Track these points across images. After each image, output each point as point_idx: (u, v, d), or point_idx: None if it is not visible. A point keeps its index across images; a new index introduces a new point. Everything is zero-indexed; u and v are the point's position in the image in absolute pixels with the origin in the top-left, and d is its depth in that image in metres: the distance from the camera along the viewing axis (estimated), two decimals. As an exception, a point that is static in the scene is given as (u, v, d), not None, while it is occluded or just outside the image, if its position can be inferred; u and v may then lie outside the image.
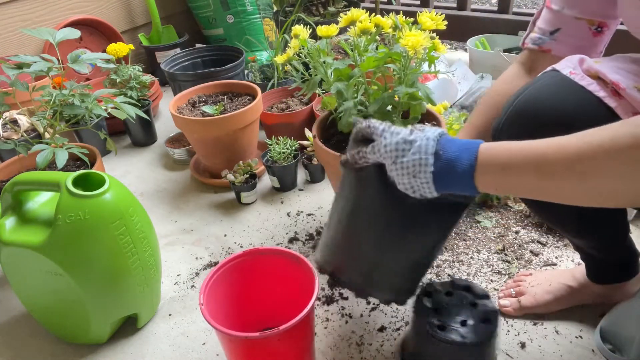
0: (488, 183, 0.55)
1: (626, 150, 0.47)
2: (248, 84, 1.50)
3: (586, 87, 0.66)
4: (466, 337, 0.71)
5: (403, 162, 0.58)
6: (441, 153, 0.57)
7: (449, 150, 0.57)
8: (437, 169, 0.56)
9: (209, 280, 0.80)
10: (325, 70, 1.02)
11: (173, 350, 0.95)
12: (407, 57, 0.95)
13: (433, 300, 0.78)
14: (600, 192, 0.51)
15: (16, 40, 1.77)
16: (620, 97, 0.65)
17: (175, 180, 1.53)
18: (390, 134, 0.60)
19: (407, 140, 0.59)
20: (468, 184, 0.56)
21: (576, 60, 0.70)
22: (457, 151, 0.56)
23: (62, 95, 1.12)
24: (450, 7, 2.19)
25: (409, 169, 0.58)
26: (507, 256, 1.09)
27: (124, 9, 2.11)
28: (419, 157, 0.57)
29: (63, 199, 0.81)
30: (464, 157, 0.56)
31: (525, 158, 0.53)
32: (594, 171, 0.49)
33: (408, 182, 0.58)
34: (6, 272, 0.92)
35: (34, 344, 1.00)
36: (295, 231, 1.24)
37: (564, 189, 0.52)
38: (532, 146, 0.53)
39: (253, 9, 2.12)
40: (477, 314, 0.74)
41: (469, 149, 0.56)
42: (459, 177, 0.56)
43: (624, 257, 0.87)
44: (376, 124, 0.62)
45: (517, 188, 0.55)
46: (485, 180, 0.55)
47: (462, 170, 0.55)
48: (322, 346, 0.93)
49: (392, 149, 0.59)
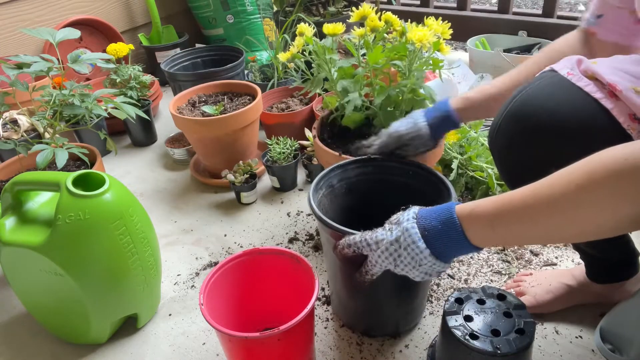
0: (485, 236, 0.59)
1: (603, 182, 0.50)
2: (248, 84, 1.50)
3: (583, 88, 0.66)
4: (499, 348, 0.68)
5: (403, 262, 0.63)
6: (427, 234, 0.61)
7: (433, 229, 0.60)
8: (434, 249, 0.60)
9: (209, 280, 0.80)
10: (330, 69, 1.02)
11: (173, 350, 0.95)
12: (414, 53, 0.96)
13: (465, 307, 0.75)
14: (587, 225, 0.53)
15: (16, 40, 1.77)
16: (617, 98, 0.65)
17: (175, 180, 1.53)
18: (376, 245, 0.66)
19: (391, 241, 0.63)
20: (467, 246, 0.60)
21: (574, 61, 0.70)
22: (439, 224, 0.60)
23: (62, 95, 1.12)
24: (450, 7, 2.19)
25: (411, 264, 0.62)
26: (507, 256, 1.09)
27: (124, 9, 2.11)
28: (411, 250, 0.61)
29: (63, 199, 0.81)
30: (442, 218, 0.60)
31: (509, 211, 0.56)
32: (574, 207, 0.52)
33: (418, 273, 0.63)
34: (6, 272, 0.92)
35: (34, 344, 1.00)
36: (295, 231, 1.24)
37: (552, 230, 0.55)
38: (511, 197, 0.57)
39: (253, 9, 2.12)
40: (512, 324, 0.72)
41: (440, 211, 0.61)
42: (448, 237, 0.60)
43: (623, 256, 0.87)
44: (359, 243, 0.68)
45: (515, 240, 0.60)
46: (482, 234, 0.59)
47: (447, 230, 0.60)
48: (322, 346, 0.93)
49: (386, 257, 0.64)
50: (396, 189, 0.92)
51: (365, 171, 0.92)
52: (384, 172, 0.92)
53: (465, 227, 0.59)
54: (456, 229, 0.59)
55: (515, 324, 0.72)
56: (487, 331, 0.71)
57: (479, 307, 0.75)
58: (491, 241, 0.60)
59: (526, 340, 0.69)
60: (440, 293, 1.02)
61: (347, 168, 0.92)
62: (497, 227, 0.57)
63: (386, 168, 0.92)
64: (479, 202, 0.59)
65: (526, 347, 0.69)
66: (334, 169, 0.91)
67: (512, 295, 0.77)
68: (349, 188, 0.93)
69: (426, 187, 0.88)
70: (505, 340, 0.69)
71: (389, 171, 0.92)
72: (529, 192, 0.55)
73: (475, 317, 0.74)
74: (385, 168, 0.92)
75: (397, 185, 0.92)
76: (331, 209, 0.91)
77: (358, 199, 0.94)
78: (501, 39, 1.95)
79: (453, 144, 1.24)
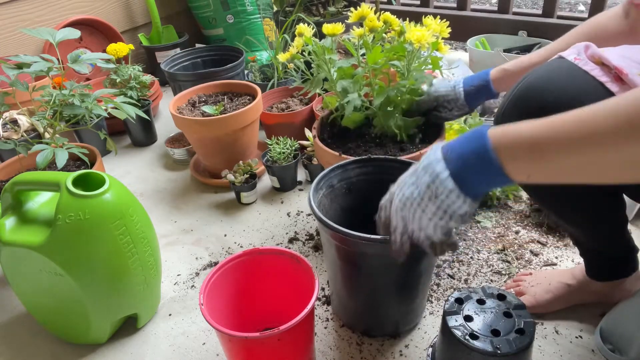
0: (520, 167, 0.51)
1: None
2: (248, 84, 1.50)
3: (589, 72, 0.67)
4: (499, 348, 0.68)
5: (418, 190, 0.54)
6: (448, 155, 0.53)
7: (456, 148, 0.52)
8: (452, 169, 0.53)
9: (209, 280, 0.80)
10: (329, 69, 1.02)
11: (173, 350, 0.95)
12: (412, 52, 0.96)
13: (465, 307, 0.75)
14: None
15: (16, 40, 1.77)
16: (623, 82, 0.65)
17: (175, 180, 1.53)
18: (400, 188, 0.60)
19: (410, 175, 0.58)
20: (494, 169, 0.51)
21: (582, 47, 0.71)
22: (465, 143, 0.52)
23: (62, 95, 1.12)
24: (450, 7, 2.19)
25: (426, 193, 0.53)
26: (507, 256, 1.09)
27: (124, 9, 2.11)
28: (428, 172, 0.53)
29: (63, 199, 0.81)
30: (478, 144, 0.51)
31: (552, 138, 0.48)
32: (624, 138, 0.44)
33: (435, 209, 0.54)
34: (6, 272, 0.92)
35: (34, 344, 1.00)
36: (295, 231, 1.24)
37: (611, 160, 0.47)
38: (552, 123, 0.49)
39: (253, 9, 2.12)
40: (512, 324, 0.72)
41: (475, 136, 0.53)
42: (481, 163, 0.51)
43: (622, 251, 0.87)
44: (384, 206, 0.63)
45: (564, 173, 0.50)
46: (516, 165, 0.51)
47: (481, 156, 0.51)
48: (322, 346, 0.93)
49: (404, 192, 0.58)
50: None
51: (365, 171, 0.92)
52: (384, 172, 0.92)
53: (500, 156, 0.50)
54: (491, 161, 0.51)
55: (515, 324, 0.72)
56: (487, 331, 0.71)
57: (479, 307, 0.75)
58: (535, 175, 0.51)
59: (526, 340, 0.69)
60: (440, 293, 1.02)
61: (347, 168, 0.92)
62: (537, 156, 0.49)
63: (386, 168, 0.92)
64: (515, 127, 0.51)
65: (526, 347, 0.69)
66: (334, 169, 0.91)
67: (512, 295, 0.77)
68: (349, 188, 0.93)
69: None
70: (505, 340, 0.69)
71: (389, 171, 0.92)
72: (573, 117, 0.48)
73: (475, 317, 0.74)
74: (385, 168, 0.92)
75: None
76: (331, 209, 0.91)
77: (358, 199, 0.94)
78: (501, 39, 1.95)
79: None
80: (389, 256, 0.65)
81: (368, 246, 0.76)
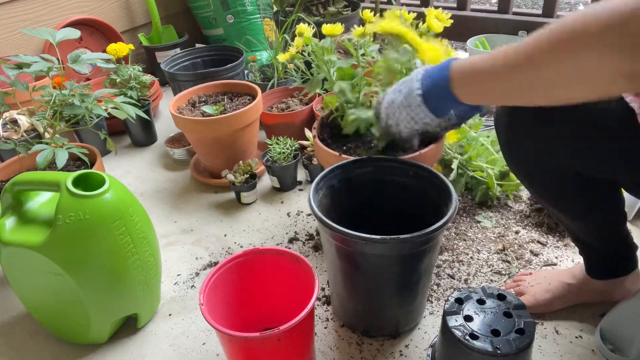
0: (465, 92, 0.65)
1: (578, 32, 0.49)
2: (248, 84, 1.50)
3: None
4: (499, 348, 0.68)
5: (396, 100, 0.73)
6: (424, 79, 0.70)
7: (430, 74, 0.69)
8: (424, 90, 0.69)
9: (209, 280, 0.80)
10: (329, 69, 1.02)
11: (173, 350, 0.95)
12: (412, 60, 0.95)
13: (465, 307, 0.75)
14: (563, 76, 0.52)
15: (16, 40, 1.77)
16: None
17: (175, 180, 1.53)
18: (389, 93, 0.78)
19: (398, 86, 0.74)
20: (449, 96, 0.66)
21: None
22: (436, 71, 0.68)
23: (62, 95, 1.12)
24: (450, 7, 2.19)
25: (403, 102, 0.72)
26: (507, 256, 1.09)
27: (124, 9, 2.11)
28: (407, 88, 0.72)
29: (63, 199, 0.81)
30: (439, 77, 0.67)
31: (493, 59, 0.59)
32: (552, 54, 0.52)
33: (407, 114, 0.73)
34: (6, 272, 0.92)
35: (34, 344, 1.00)
36: (295, 231, 1.24)
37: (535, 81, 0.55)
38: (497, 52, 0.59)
39: (253, 9, 2.12)
40: (512, 324, 0.72)
41: (440, 69, 0.68)
42: (440, 92, 0.67)
43: (621, 248, 0.88)
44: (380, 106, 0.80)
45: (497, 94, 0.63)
46: (463, 91, 0.65)
47: (441, 86, 0.67)
48: (322, 346, 0.93)
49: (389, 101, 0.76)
50: (396, 189, 0.92)
51: (365, 171, 0.92)
52: (384, 173, 0.92)
53: (452, 74, 0.65)
54: (444, 71, 0.66)
55: (515, 324, 0.72)
56: (487, 331, 0.71)
57: (479, 307, 0.75)
58: (476, 97, 0.65)
59: (526, 340, 0.69)
60: (440, 293, 1.02)
61: (347, 168, 0.92)
62: (478, 83, 0.63)
63: (386, 168, 0.92)
64: (470, 59, 0.64)
65: (526, 347, 0.69)
66: (334, 170, 0.91)
67: (512, 295, 0.77)
68: (349, 188, 0.93)
69: (427, 187, 0.88)
70: (505, 340, 0.69)
71: (389, 171, 0.92)
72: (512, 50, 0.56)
73: (475, 317, 0.74)
74: (385, 168, 0.92)
75: (398, 185, 0.92)
76: (331, 210, 0.91)
77: (358, 199, 0.94)
78: (501, 39, 1.95)
79: (453, 144, 1.24)
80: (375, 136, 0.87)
81: (368, 246, 0.76)
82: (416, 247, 0.77)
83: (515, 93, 0.60)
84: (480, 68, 0.61)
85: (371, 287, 0.85)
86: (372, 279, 0.83)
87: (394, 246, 0.76)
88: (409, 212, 0.91)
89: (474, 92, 0.64)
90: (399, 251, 0.78)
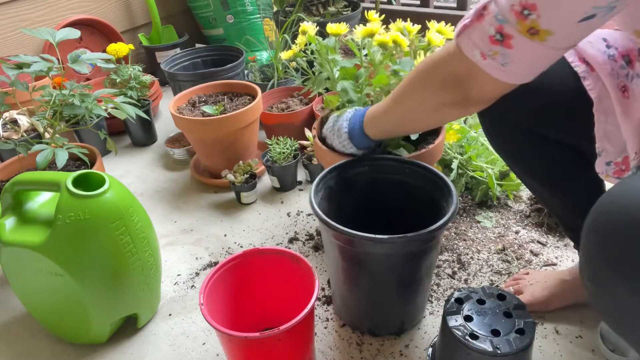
0: (372, 132, 0.86)
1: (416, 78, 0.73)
2: (248, 84, 1.50)
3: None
4: (499, 348, 0.68)
5: (334, 130, 0.93)
6: (350, 121, 0.89)
7: (352, 119, 0.89)
8: (349, 129, 0.89)
9: (209, 280, 0.80)
10: (332, 68, 1.02)
11: (173, 350, 0.95)
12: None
13: (465, 307, 0.75)
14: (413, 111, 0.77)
15: (16, 40, 1.77)
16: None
17: (175, 180, 1.53)
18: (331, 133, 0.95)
19: (336, 119, 0.93)
20: (365, 135, 0.87)
21: None
22: (355, 118, 0.88)
23: (62, 95, 1.12)
24: (450, 7, 2.19)
25: (335, 133, 0.92)
26: (507, 256, 1.09)
27: (124, 9, 2.10)
28: (339, 125, 0.91)
29: (63, 199, 0.81)
30: (358, 121, 0.87)
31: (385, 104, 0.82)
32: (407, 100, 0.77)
33: (338, 142, 0.92)
34: (6, 272, 0.92)
35: (34, 344, 1.00)
36: (295, 231, 1.24)
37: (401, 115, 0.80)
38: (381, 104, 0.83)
39: (253, 9, 2.12)
40: (512, 324, 0.72)
41: (360, 115, 0.88)
42: (359, 132, 0.87)
43: None
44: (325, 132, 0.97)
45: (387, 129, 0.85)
46: (370, 131, 0.86)
47: (359, 128, 0.87)
48: (322, 346, 0.93)
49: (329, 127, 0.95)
50: (395, 187, 0.93)
51: (363, 170, 0.93)
52: (382, 171, 0.93)
53: (365, 127, 0.86)
54: (360, 119, 0.87)
55: (515, 324, 0.72)
56: (487, 331, 0.71)
57: (479, 307, 0.75)
58: (378, 134, 0.86)
59: (526, 340, 0.70)
60: (440, 293, 1.02)
61: (346, 168, 0.92)
62: (377, 125, 0.85)
63: (383, 167, 0.92)
64: (373, 109, 0.85)
65: (526, 347, 0.69)
66: (332, 170, 0.91)
67: (512, 295, 0.77)
68: (348, 188, 0.93)
69: (424, 183, 0.89)
70: (505, 340, 0.69)
71: (386, 170, 0.93)
72: (391, 96, 0.79)
73: (475, 317, 0.74)
74: (382, 167, 0.92)
75: (396, 183, 0.92)
76: (331, 209, 0.91)
77: (358, 198, 0.95)
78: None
79: (453, 144, 1.24)
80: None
81: (373, 246, 0.76)
82: (421, 244, 0.78)
83: (398, 127, 0.83)
84: (377, 112, 0.83)
85: (375, 286, 0.85)
86: (377, 278, 0.83)
87: (400, 245, 0.76)
88: (406, 210, 0.91)
89: (376, 132, 0.86)
90: (404, 249, 0.78)
